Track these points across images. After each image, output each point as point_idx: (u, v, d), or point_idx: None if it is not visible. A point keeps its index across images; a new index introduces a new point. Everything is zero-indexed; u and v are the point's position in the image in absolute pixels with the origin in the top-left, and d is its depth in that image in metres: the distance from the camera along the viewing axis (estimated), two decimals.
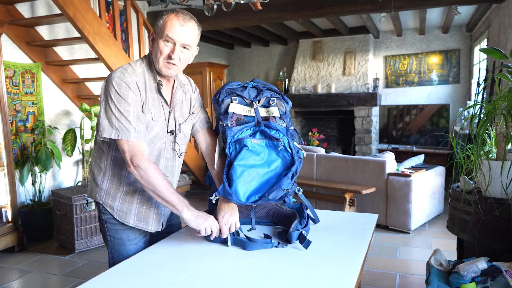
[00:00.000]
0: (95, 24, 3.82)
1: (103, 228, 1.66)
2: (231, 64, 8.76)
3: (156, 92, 1.58)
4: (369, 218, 1.89)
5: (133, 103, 1.48)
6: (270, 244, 1.51)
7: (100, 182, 1.62)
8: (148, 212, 1.64)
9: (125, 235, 1.63)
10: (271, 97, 1.65)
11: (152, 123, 1.55)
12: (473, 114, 5.03)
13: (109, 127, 1.46)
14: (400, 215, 4.03)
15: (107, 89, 1.49)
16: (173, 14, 1.52)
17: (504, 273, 1.71)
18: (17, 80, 4.02)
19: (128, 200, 1.61)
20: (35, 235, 3.94)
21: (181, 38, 1.51)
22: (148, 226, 1.65)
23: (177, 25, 1.50)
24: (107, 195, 1.61)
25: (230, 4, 2.89)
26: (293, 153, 1.57)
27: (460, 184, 2.37)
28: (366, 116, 7.07)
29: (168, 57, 1.52)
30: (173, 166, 1.69)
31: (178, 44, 1.51)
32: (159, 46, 1.52)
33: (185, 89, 1.71)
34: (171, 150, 1.66)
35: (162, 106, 1.60)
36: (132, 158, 1.46)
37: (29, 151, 4.05)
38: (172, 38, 1.50)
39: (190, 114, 1.72)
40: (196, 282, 1.26)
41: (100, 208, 1.64)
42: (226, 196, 1.49)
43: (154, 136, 1.58)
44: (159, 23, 1.53)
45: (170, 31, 1.50)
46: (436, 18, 6.37)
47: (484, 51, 2.29)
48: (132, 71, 1.54)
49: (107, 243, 1.67)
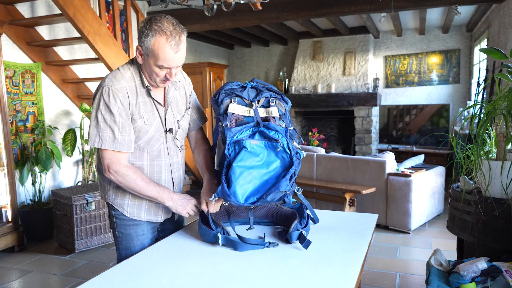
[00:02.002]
0: (95, 24, 3.83)
1: (112, 224, 1.72)
2: (231, 64, 8.76)
3: (147, 95, 1.60)
4: (369, 218, 1.89)
5: (119, 113, 1.51)
6: (261, 244, 1.50)
7: (107, 185, 1.68)
8: (158, 205, 1.70)
9: (134, 231, 1.68)
10: (270, 98, 1.65)
11: (144, 127, 1.58)
12: (473, 114, 5.03)
13: (94, 136, 1.52)
14: (400, 215, 4.03)
15: (97, 97, 1.54)
16: (163, 38, 1.43)
17: (504, 273, 1.71)
18: (17, 80, 4.02)
19: (139, 197, 1.66)
20: (35, 235, 3.94)
21: (176, 63, 1.51)
22: (158, 217, 1.73)
23: (171, 53, 1.46)
24: (115, 195, 1.66)
25: (230, 4, 2.89)
26: (292, 154, 1.57)
27: (460, 184, 2.37)
28: (366, 116, 7.07)
29: (165, 78, 1.54)
30: (178, 162, 1.75)
31: (173, 68, 1.52)
32: (154, 70, 1.51)
33: (177, 86, 1.72)
34: (174, 147, 1.70)
35: (156, 108, 1.62)
36: (109, 165, 1.54)
37: (29, 151, 4.05)
38: (168, 66, 1.50)
39: (187, 109, 1.76)
40: (196, 282, 1.26)
41: (110, 205, 1.70)
42: (225, 197, 1.50)
43: (149, 138, 1.61)
44: (148, 45, 1.46)
45: (164, 61, 1.48)
46: (436, 18, 6.37)
47: (484, 51, 2.29)
48: (121, 76, 1.55)
49: (116, 239, 1.73)
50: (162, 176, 1.68)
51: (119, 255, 1.72)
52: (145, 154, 1.62)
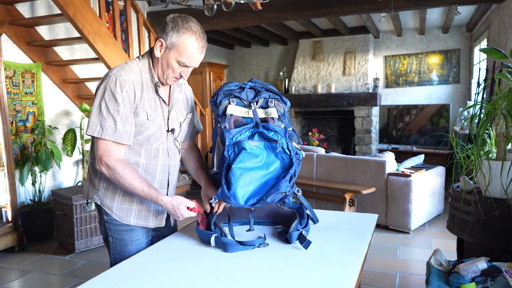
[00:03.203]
0: (95, 24, 3.83)
1: (104, 229, 1.66)
2: (231, 64, 8.76)
3: (153, 92, 1.60)
4: (369, 218, 1.89)
5: (123, 103, 1.50)
6: (251, 245, 1.50)
7: (97, 183, 1.63)
8: (149, 209, 1.66)
9: (128, 236, 1.63)
10: (269, 98, 1.65)
11: (147, 122, 1.57)
12: (473, 114, 5.03)
13: (95, 125, 1.49)
14: (400, 215, 4.03)
15: (102, 86, 1.52)
16: (193, 38, 1.51)
17: (504, 273, 1.71)
18: (17, 80, 4.02)
19: (128, 200, 1.62)
20: (35, 235, 3.94)
21: (196, 64, 1.58)
22: (149, 223, 1.68)
23: (197, 53, 1.54)
24: (105, 196, 1.62)
25: (230, 4, 2.89)
26: (292, 155, 1.57)
27: (460, 184, 2.37)
28: (366, 116, 7.07)
29: (179, 76, 1.58)
30: (175, 165, 1.74)
31: (191, 67, 1.57)
32: (172, 65, 1.54)
33: (181, 88, 1.74)
34: (173, 148, 1.69)
35: (161, 106, 1.62)
36: (102, 156, 1.50)
37: (29, 151, 4.05)
38: (190, 65, 1.56)
39: (188, 113, 1.76)
40: (196, 282, 1.26)
41: (101, 209, 1.64)
42: (225, 199, 1.49)
43: (149, 135, 1.59)
44: (175, 40, 1.50)
45: (189, 59, 1.54)
46: (436, 18, 6.37)
47: (484, 51, 2.29)
48: (129, 69, 1.55)
49: (108, 245, 1.66)
50: (156, 177, 1.65)
51: (113, 260, 1.65)
52: (143, 151, 1.60)
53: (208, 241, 1.55)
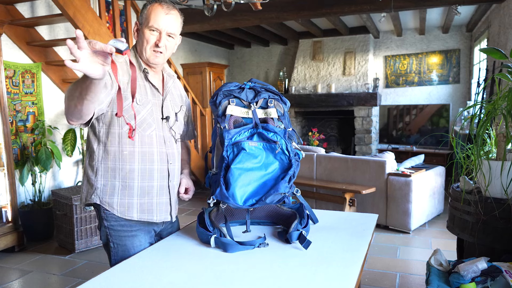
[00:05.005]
0: (95, 24, 3.83)
1: (105, 235, 1.61)
2: (231, 64, 8.76)
3: (142, 79, 1.61)
4: (369, 218, 1.89)
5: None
6: (251, 245, 1.50)
7: (94, 181, 1.58)
8: (151, 202, 1.62)
9: (130, 242, 1.59)
10: (269, 99, 1.64)
11: (137, 106, 1.56)
12: (473, 114, 5.03)
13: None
14: (400, 215, 4.03)
15: None
16: (156, 3, 1.58)
17: (504, 273, 1.71)
18: (17, 80, 4.02)
19: (128, 194, 1.58)
20: (35, 235, 3.94)
21: (166, 27, 1.58)
22: (153, 216, 1.63)
23: (162, 13, 1.56)
24: (103, 193, 1.57)
25: (230, 4, 2.89)
26: (291, 156, 1.57)
27: (460, 184, 2.37)
28: (366, 116, 7.07)
29: (155, 45, 1.58)
30: (173, 153, 1.71)
31: (163, 32, 1.58)
32: (145, 36, 1.58)
33: (174, 80, 1.77)
34: (169, 137, 1.69)
35: (152, 93, 1.62)
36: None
37: (29, 151, 4.05)
38: (158, 27, 1.57)
39: (182, 105, 1.78)
40: (196, 282, 1.26)
41: (101, 214, 1.59)
42: (223, 199, 1.49)
43: (141, 120, 1.57)
44: (143, 13, 1.59)
45: (155, 20, 1.56)
46: (436, 18, 6.37)
47: (484, 51, 2.29)
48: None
49: (109, 250, 1.61)
50: (154, 166, 1.61)
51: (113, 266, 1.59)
52: (137, 138, 1.57)
53: (208, 241, 1.55)
